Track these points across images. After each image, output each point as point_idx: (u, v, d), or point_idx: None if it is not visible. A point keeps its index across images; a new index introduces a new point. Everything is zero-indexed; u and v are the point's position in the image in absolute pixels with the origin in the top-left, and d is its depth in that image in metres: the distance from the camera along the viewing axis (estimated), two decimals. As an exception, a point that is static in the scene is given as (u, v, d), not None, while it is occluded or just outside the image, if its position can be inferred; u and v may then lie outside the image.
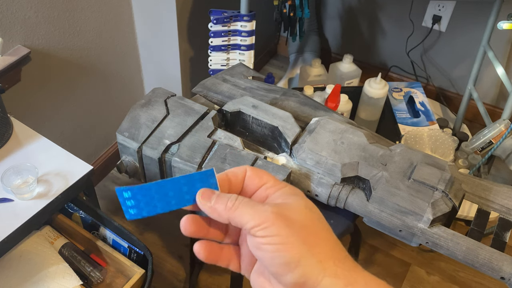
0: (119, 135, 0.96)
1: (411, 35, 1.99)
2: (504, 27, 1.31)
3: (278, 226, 0.37)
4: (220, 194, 0.40)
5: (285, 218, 0.38)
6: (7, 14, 1.16)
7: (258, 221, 0.37)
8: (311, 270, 0.37)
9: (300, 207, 0.39)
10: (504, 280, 0.80)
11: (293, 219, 0.38)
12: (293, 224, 0.38)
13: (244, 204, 0.39)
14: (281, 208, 0.39)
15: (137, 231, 1.65)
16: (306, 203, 0.40)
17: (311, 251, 0.37)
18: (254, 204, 0.39)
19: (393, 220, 0.84)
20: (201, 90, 1.10)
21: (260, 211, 0.38)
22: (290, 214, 0.38)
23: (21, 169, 0.97)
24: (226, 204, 0.39)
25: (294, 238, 0.37)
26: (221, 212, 0.39)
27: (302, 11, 1.61)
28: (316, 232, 0.39)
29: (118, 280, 1.04)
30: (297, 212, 0.39)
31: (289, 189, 0.41)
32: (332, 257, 0.38)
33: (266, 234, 0.37)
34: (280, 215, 0.38)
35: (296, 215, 0.38)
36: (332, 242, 0.39)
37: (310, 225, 0.39)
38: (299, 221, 0.38)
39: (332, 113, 1.03)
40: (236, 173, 0.42)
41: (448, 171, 0.86)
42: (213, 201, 0.40)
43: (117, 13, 1.50)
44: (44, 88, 1.38)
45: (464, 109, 1.80)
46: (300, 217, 0.39)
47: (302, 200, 0.40)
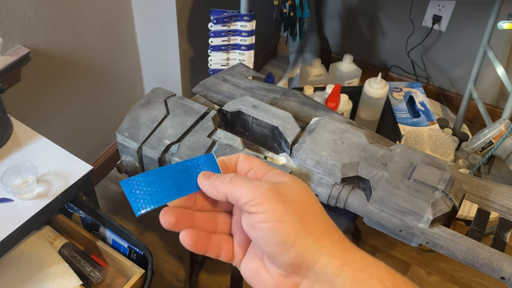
0: (119, 135, 0.95)
1: (411, 35, 1.99)
2: (504, 27, 1.30)
3: (274, 203, 0.36)
4: (219, 174, 0.41)
5: (281, 194, 0.37)
6: (7, 14, 1.16)
7: (253, 195, 0.37)
8: (308, 250, 0.36)
9: (296, 185, 0.39)
10: (504, 280, 0.80)
11: (289, 196, 0.37)
12: (289, 201, 0.37)
13: (241, 179, 0.39)
14: (277, 185, 0.38)
15: (137, 231, 1.65)
16: (301, 183, 0.40)
17: (307, 230, 0.36)
18: (251, 180, 0.39)
19: (393, 220, 0.84)
20: (201, 90, 1.10)
21: (256, 186, 0.37)
22: (286, 191, 0.38)
23: (21, 169, 0.97)
24: (224, 179, 0.39)
25: (289, 215, 0.36)
26: (218, 187, 0.39)
27: (302, 11, 1.61)
28: (312, 211, 0.38)
29: (118, 280, 1.04)
30: (293, 190, 0.38)
31: (279, 171, 0.41)
32: (329, 236, 0.37)
33: (261, 209, 0.36)
34: (276, 191, 0.37)
35: (292, 193, 0.38)
36: (328, 222, 0.39)
37: (306, 203, 0.38)
38: (295, 198, 0.37)
39: (332, 113, 1.03)
40: (230, 158, 0.43)
41: (448, 171, 0.86)
42: (212, 178, 0.40)
43: (117, 13, 1.50)
44: (44, 88, 1.38)
45: (464, 109, 1.80)
46: (296, 194, 0.38)
47: (297, 180, 0.40)
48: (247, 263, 0.41)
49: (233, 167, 0.42)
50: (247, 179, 0.39)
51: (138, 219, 1.68)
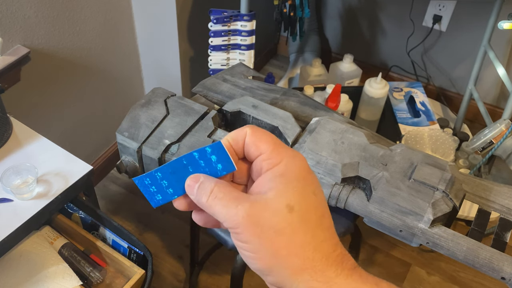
0: (118, 135, 0.95)
1: (411, 35, 1.99)
2: (505, 27, 1.30)
3: (249, 234, 0.35)
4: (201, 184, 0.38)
5: (256, 224, 0.35)
6: (7, 14, 1.16)
7: (230, 224, 0.36)
8: (284, 280, 0.35)
9: (279, 204, 0.35)
10: (505, 280, 0.79)
11: (266, 225, 0.35)
12: (264, 233, 0.34)
13: (218, 202, 0.36)
14: (255, 208, 0.35)
15: (137, 231, 1.65)
16: (289, 199, 0.35)
17: (282, 264, 0.35)
18: (227, 203, 0.36)
19: (394, 220, 0.83)
20: (201, 90, 1.09)
21: (232, 215, 0.35)
22: (263, 217, 0.35)
23: (20, 169, 0.97)
24: (203, 196, 0.37)
25: (264, 250, 0.35)
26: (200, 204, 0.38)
27: (302, 11, 1.61)
28: (292, 240, 0.35)
29: (117, 280, 1.04)
30: (273, 213, 0.35)
31: (283, 167, 0.37)
32: (309, 267, 0.35)
33: (238, 239, 0.36)
34: (251, 221, 0.35)
35: (271, 218, 0.35)
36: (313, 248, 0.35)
37: (286, 230, 0.35)
38: (273, 226, 0.35)
39: (333, 113, 1.03)
40: (236, 139, 0.39)
41: (448, 171, 0.86)
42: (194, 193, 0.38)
43: (117, 13, 1.50)
44: (44, 88, 1.38)
45: (465, 109, 1.80)
46: (275, 219, 0.35)
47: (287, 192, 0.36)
48: None
49: (240, 148, 0.39)
50: (222, 201, 0.36)
51: (138, 220, 1.68)
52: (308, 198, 0.36)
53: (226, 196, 0.36)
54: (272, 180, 0.36)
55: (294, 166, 0.37)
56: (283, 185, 0.36)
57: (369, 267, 1.56)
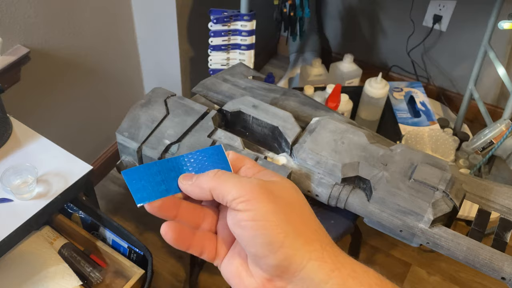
0: (118, 135, 0.95)
1: (411, 35, 1.98)
2: (505, 27, 1.30)
3: (262, 200, 0.34)
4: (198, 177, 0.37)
5: (270, 192, 0.34)
6: (7, 13, 1.16)
7: (241, 191, 0.34)
8: (296, 253, 0.33)
9: (287, 185, 0.37)
10: (505, 280, 0.79)
11: (279, 195, 0.35)
12: (278, 200, 0.34)
13: (228, 174, 0.36)
14: (267, 183, 0.35)
15: (137, 231, 1.65)
16: (291, 184, 0.37)
17: (297, 231, 0.34)
18: (239, 175, 0.37)
19: (394, 220, 0.83)
20: (201, 90, 1.09)
21: (245, 181, 0.35)
22: (276, 190, 0.35)
23: (20, 169, 0.97)
24: (208, 174, 0.36)
25: (278, 215, 0.34)
26: (203, 183, 0.36)
27: (302, 11, 1.61)
28: (302, 212, 0.36)
29: (117, 280, 1.04)
30: (284, 190, 0.36)
31: (270, 171, 0.38)
32: (319, 239, 0.35)
33: (248, 207, 0.34)
34: (265, 188, 0.34)
35: (282, 192, 0.35)
36: (317, 225, 0.36)
37: (296, 204, 0.36)
38: (285, 198, 0.35)
39: (333, 113, 1.03)
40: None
41: (449, 171, 0.86)
42: (194, 178, 0.37)
43: (117, 13, 1.50)
44: (44, 88, 1.38)
45: (465, 109, 1.80)
46: (286, 194, 0.36)
47: (288, 180, 0.38)
48: (229, 263, 0.38)
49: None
50: (234, 174, 0.37)
51: (138, 220, 1.68)
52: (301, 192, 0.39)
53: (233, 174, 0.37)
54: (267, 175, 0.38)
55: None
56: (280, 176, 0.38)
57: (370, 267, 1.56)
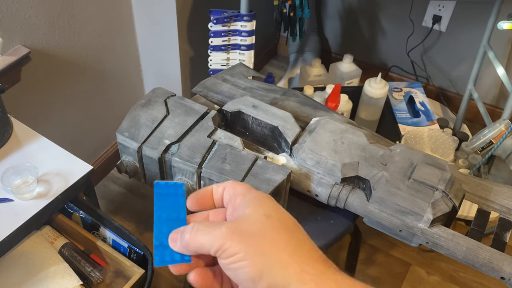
0: (119, 135, 0.95)
1: (411, 35, 1.99)
2: (504, 27, 1.31)
3: (235, 244, 0.37)
4: (182, 230, 0.40)
5: (240, 233, 0.37)
6: (7, 14, 1.16)
7: (217, 245, 0.37)
8: (276, 279, 0.36)
9: (257, 215, 0.39)
10: (504, 280, 0.80)
11: (249, 232, 0.37)
12: (249, 238, 0.37)
13: (201, 233, 0.39)
14: (237, 223, 0.38)
15: (137, 231, 1.65)
16: (264, 210, 0.39)
17: (272, 260, 0.36)
18: (210, 228, 0.39)
19: (393, 220, 0.84)
20: (201, 90, 1.10)
21: (216, 235, 0.38)
22: (246, 227, 0.38)
23: (21, 169, 0.97)
24: (186, 239, 0.39)
25: (252, 253, 0.36)
26: (186, 247, 0.40)
27: (302, 11, 1.61)
28: (276, 239, 0.37)
29: (118, 280, 1.04)
30: (254, 222, 0.38)
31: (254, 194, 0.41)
32: (297, 260, 0.37)
33: (227, 255, 0.37)
34: (234, 232, 0.37)
35: (253, 226, 0.38)
36: (297, 242, 0.38)
37: (268, 232, 0.38)
38: (255, 231, 0.37)
39: (332, 113, 1.03)
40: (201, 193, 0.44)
41: (448, 171, 0.86)
42: (178, 241, 0.40)
43: (117, 13, 1.50)
44: (44, 88, 1.38)
45: (464, 109, 1.80)
46: (257, 226, 0.38)
47: (261, 206, 0.40)
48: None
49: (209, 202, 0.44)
50: (205, 230, 0.39)
51: (138, 219, 1.68)
52: (281, 210, 0.40)
53: (207, 225, 0.39)
54: (247, 203, 0.40)
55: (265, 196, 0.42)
56: (257, 202, 0.40)
57: (369, 267, 1.56)
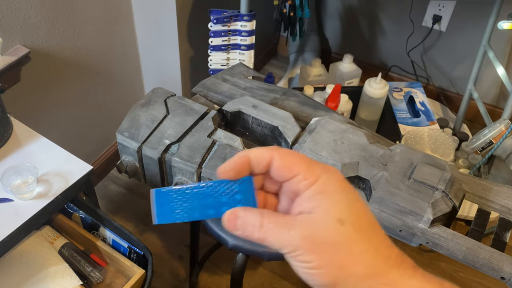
0: (119, 135, 0.95)
1: (411, 35, 1.99)
2: (505, 27, 1.31)
3: (308, 254, 0.35)
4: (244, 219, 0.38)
5: (313, 244, 0.35)
6: (7, 14, 1.16)
7: (287, 249, 0.36)
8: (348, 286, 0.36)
9: (329, 220, 0.36)
10: (504, 280, 0.80)
11: (323, 241, 0.35)
12: (323, 250, 0.35)
13: (270, 234, 0.37)
14: (309, 229, 0.36)
15: (137, 231, 1.65)
16: (337, 213, 0.36)
17: (346, 274, 0.35)
18: (279, 231, 0.37)
19: (393, 220, 0.84)
20: (201, 90, 1.10)
21: (287, 241, 0.36)
22: (319, 236, 0.36)
23: (21, 169, 0.97)
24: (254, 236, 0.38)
25: (326, 265, 0.35)
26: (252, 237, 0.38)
27: (302, 11, 1.61)
28: (351, 251, 0.36)
29: (118, 280, 1.04)
30: (327, 229, 0.36)
31: (321, 184, 0.37)
32: (372, 272, 0.36)
33: (300, 260, 0.36)
34: (308, 242, 0.35)
35: (327, 235, 0.36)
36: (373, 252, 0.36)
37: (343, 243, 0.36)
38: (330, 242, 0.35)
39: (332, 113, 1.03)
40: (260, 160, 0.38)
41: (448, 171, 0.86)
42: (239, 230, 0.38)
43: (117, 13, 1.50)
44: (44, 88, 1.38)
45: (464, 109, 1.80)
46: (330, 236, 0.35)
47: (333, 206, 0.36)
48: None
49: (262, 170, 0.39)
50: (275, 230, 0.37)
51: (138, 219, 1.68)
52: (354, 207, 0.37)
53: (276, 225, 0.37)
54: (314, 199, 0.37)
55: (332, 180, 0.37)
56: (327, 201, 0.37)
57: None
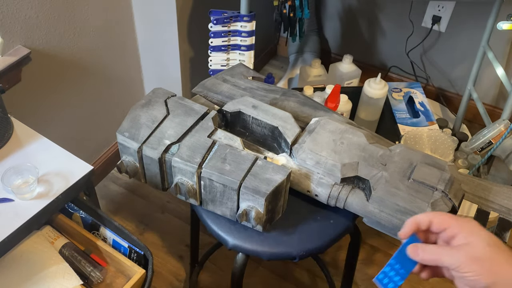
0: (119, 135, 0.96)
1: (410, 36, 1.99)
2: (504, 27, 1.31)
3: (471, 265, 0.55)
4: (422, 247, 0.60)
5: (475, 259, 0.55)
6: (8, 14, 1.16)
7: (457, 264, 0.56)
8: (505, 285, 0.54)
9: (483, 245, 0.56)
10: (504, 280, 0.80)
11: (481, 258, 0.55)
12: (481, 262, 0.55)
13: (443, 254, 0.58)
14: (470, 251, 0.56)
15: (137, 231, 1.65)
16: (487, 240, 0.56)
17: (500, 275, 0.54)
18: (450, 252, 0.57)
19: (393, 220, 0.84)
20: (201, 90, 1.10)
21: (456, 258, 0.56)
22: (477, 254, 0.55)
23: (21, 169, 0.98)
24: (430, 252, 0.59)
25: (484, 270, 0.55)
26: (429, 262, 0.59)
27: (302, 12, 1.61)
28: (499, 261, 0.55)
29: (118, 280, 1.04)
30: (482, 251, 0.56)
31: (468, 228, 0.58)
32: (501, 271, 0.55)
33: (464, 271, 0.55)
34: (470, 257, 0.55)
35: (482, 253, 0.55)
36: (508, 259, 0.55)
37: (494, 258, 0.55)
38: (485, 257, 0.55)
39: (332, 113, 1.03)
40: (422, 221, 0.61)
41: (447, 171, 0.87)
42: (420, 255, 0.60)
43: (118, 14, 1.50)
44: (45, 88, 1.38)
45: (464, 109, 1.80)
46: (485, 254, 0.55)
47: (482, 237, 0.57)
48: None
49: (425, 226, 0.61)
50: (446, 253, 0.58)
51: (139, 219, 1.68)
52: (494, 238, 0.57)
53: (445, 250, 0.58)
54: (466, 236, 0.58)
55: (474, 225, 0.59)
56: (477, 236, 0.57)
57: (369, 267, 1.56)
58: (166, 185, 0.99)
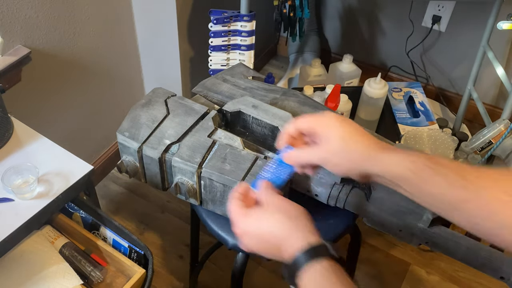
0: (119, 135, 0.96)
1: (411, 35, 1.99)
2: (504, 27, 1.31)
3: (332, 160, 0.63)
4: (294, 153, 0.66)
5: (333, 153, 0.62)
6: (8, 14, 1.16)
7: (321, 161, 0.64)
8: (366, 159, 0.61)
9: (337, 138, 0.62)
10: (504, 280, 0.80)
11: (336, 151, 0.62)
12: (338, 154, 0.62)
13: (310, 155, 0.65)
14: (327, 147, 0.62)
15: (137, 231, 1.65)
16: (341, 134, 0.62)
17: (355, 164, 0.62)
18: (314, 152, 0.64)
19: (393, 220, 0.84)
20: (201, 90, 1.10)
21: (319, 155, 0.63)
22: (333, 147, 0.62)
23: (21, 169, 0.98)
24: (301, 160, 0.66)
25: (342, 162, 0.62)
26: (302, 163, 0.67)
27: (302, 11, 1.61)
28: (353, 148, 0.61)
29: (118, 279, 1.04)
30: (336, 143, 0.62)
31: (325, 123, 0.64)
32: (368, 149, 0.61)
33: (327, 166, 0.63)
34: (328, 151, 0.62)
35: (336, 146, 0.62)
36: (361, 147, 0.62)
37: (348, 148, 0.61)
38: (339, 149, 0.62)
39: (332, 113, 1.03)
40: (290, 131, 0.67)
41: (447, 171, 0.86)
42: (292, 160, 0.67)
43: (117, 13, 1.50)
44: (45, 88, 1.38)
45: (464, 109, 1.80)
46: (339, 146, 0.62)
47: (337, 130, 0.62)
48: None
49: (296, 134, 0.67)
50: (311, 151, 0.64)
51: (139, 219, 1.68)
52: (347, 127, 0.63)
53: (312, 149, 0.65)
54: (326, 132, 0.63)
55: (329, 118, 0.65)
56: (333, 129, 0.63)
57: (369, 267, 1.56)
58: (166, 185, 0.99)
